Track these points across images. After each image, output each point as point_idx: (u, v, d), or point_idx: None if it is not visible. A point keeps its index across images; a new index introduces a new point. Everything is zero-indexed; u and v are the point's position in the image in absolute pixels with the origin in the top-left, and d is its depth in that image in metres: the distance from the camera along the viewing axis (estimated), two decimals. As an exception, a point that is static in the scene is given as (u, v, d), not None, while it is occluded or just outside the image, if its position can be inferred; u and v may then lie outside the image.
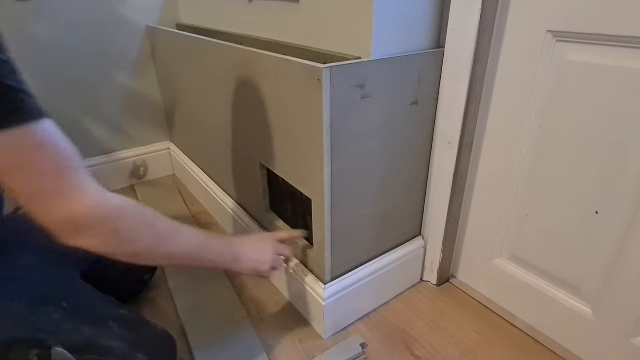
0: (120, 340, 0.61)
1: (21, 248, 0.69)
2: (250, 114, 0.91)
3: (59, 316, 0.60)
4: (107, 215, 0.52)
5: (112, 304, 0.69)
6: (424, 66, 0.78)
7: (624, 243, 0.68)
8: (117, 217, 0.53)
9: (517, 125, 0.78)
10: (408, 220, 0.96)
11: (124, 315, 0.67)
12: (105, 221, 0.52)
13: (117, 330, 0.62)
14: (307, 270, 0.89)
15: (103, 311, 0.65)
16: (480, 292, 0.99)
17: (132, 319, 0.68)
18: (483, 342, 0.86)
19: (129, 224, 0.54)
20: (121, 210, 0.54)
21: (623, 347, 0.74)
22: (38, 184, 0.47)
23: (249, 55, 0.84)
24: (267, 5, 0.94)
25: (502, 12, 0.74)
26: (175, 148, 1.58)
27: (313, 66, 0.65)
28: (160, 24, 1.42)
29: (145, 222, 0.57)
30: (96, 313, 0.64)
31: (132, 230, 0.55)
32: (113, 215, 0.52)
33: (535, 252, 0.83)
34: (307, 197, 0.80)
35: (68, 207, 0.48)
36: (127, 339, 0.62)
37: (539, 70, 0.72)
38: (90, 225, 0.50)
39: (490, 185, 0.87)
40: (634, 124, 0.62)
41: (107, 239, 0.52)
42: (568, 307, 0.80)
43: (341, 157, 0.73)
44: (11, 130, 0.44)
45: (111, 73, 1.39)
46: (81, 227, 0.50)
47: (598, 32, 0.63)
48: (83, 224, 0.50)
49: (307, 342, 0.87)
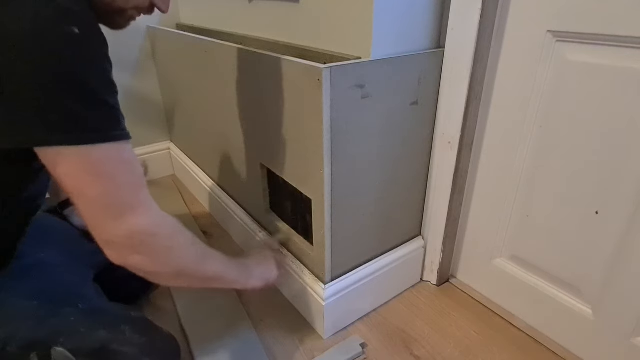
0: (131, 345, 0.61)
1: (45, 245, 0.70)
2: (251, 114, 0.91)
3: (75, 318, 0.60)
4: (165, 233, 0.55)
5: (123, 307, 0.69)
6: (424, 66, 0.78)
7: (624, 243, 0.68)
8: (173, 235, 0.57)
9: (517, 125, 0.78)
10: (408, 220, 0.96)
11: (134, 318, 0.67)
12: (163, 239, 0.55)
13: (128, 335, 0.62)
14: (307, 270, 0.89)
15: (116, 314, 0.66)
16: (480, 292, 0.99)
17: (142, 322, 0.68)
18: (483, 342, 0.86)
19: (180, 242, 0.58)
20: (176, 228, 0.57)
21: (623, 347, 0.74)
22: (118, 195, 0.51)
23: (249, 56, 0.84)
24: (267, 5, 0.94)
25: (502, 12, 0.74)
26: (175, 148, 1.58)
27: (313, 66, 0.65)
28: (161, 24, 1.42)
29: (191, 240, 0.60)
30: (110, 316, 0.64)
31: (181, 249, 0.58)
32: (169, 234, 0.56)
33: (535, 252, 0.83)
34: (307, 197, 0.80)
35: (135, 222, 0.52)
36: (137, 343, 0.62)
37: (539, 70, 0.72)
38: (149, 242, 0.53)
39: (490, 185, 0.87)
40: (634, 124, 0.62)
41: (159, 256, 0.55)
42: (568, 307, 0.80)
43: (341, 157, 0.73)
44: (110, 144, 0.49)
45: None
46: (141, 243, 0.53)
47: (598, 32, 0.63)
48: (143, 240, 0.53)
49: (307, 342, 0.87)
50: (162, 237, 0.55)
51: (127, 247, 0.52)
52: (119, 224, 0.51)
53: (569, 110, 0.70)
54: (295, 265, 0.91)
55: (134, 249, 0.52)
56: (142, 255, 0.53)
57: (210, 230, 1.27)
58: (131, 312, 0.68)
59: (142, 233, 0.52)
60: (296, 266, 0.91)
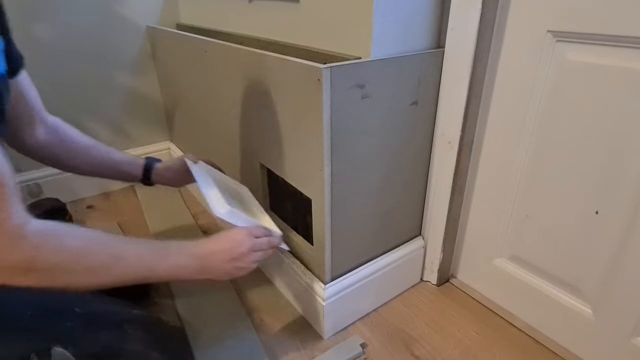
0: (135, 342, 0.60)
1: None
2: (250, 114, 0.91)
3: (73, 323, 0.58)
4: (21, 258, 0.47)
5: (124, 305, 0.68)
6: (424, 66, 0.78)
7: (624, 243, 0.68)
8: (33, 259, 0.48)
9: (517, 125, 0.78)
10: (408, 220, 0.96)
11: (136, 315, 0.66)
12: (19, 266, 0.48)
13: (131, 333, 0.61)
14: (307, 270, 0.89)
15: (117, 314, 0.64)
16: (480, 292, 0.99)
17: (145, 318, 0.67)
18: (483, 342, 0.86)
19: (47, 263, 0.50)
20: (38, 249, 0.49)
21: (623, 347, 0.74)
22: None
23: (249, 55, 0.84)
24: (267, 5, 0.94)
25: (502, 12, 0.74)
26: (175, 148, 1.58)
27: (313, 66, 0.65)
28: (161, 24, 1.42)
29: (71, 256, 0.53)
30: (110, 317, 0.63)
31: (52, 270, 0.50)
32: (28, 258, 0.48)
33: (535, 252, 0.83)
34: (307, 197, 0.80)
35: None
36: (141, 340, 0.61)
37: (539, 70, 0.72)
38: (6, 270, 0.47)
39: (490, 185, 0.87)
40: (634, 124, 0.62)
41: (26, 279, 0.49)
42: (568, 307, 0.80)
43: (341, 157, 0.73)
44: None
45: (111, 73, 1.39)
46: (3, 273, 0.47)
47: (598, 32, 0.63)
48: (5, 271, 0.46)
49: (307, 342, 0.87)
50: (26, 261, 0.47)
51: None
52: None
53: (569, 110, 0.70)
54: (295, 265, 0.91)
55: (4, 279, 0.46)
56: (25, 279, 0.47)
57: (210, 230, 1.27)
58: (132, 309, 0.67)
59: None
60: (296, 266, 0.91)
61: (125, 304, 0.69)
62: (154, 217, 1.33)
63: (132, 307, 0.68)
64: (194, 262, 0.65)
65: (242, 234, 0.70)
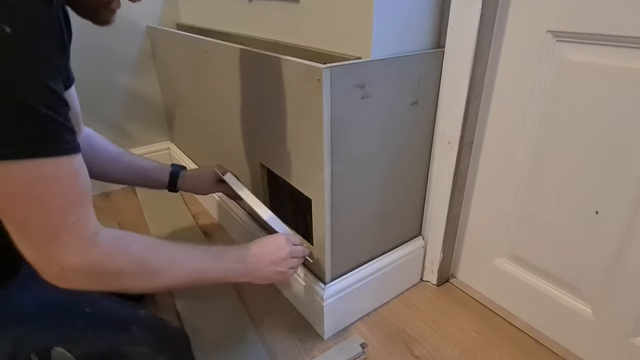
0: (142, 344, 0.61)
1: None
2: (250, 114, 0.91)
3: (83, 323, 0.59)
4: (94, 263, 0.50)
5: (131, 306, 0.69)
6: (424, 66, 0.78)
7: (624, 243, 0.68)
8: (103, 264, 0.51)
9: (517, 125, 0.78)
10: (408, 220, 0.96)
11: (143, 317, 0.66)
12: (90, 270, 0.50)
13: (138, 334, 0.62)
14: (307, 270, 0.89)
15: (125, 315, 0.65)
16: (480, 292, 0.99)
17: (151, 320, 0.67)
18: (483, 342, 0.86)
19: (115, 267, 0.52)
20: (109, 255, 0.51)
21: (623, 347, 0.74)
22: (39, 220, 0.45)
23: (249, 55, 0.84)
24: (267, 5, 0.94)
25: (502, 12, 0.74)
26: (175, 148, 1.58)
27: (313, 66, 0.65)
28: (161, 24, 1.42)
29: (134, 260, 0.54)
30: (118, 318, 0.64)
31: (117, 273, 0.53)
32: (99, 263, 0.50)
33: (535, 252, 0.83)
34: (307, 197, 0.80)
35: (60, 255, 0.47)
36: (148, 342, 0.62)
37: (539, 70, 0.72)
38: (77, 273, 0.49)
39: (490, 185, 0.87)
40: (634, 124, 0.62)
41: (92, 282, 0.51)
42: (568, 307, 0.80)
43: (341, 157, 0.73)
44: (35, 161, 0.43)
45: (111, 73, 1.39)
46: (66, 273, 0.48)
47: (598, 32, 0.63)
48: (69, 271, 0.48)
49: (307, 342, 0.87)
50: (90, 268, 0.49)
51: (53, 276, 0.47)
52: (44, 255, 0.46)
53: (569, 110, 0.70)
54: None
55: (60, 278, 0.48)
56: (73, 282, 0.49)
57: (210, 231, 1.27)
58: (140, 310, 0.68)
59: (65, 266, 0.47)
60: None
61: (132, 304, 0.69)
62: (154, 217, 1.33)
63: (139, 307, 0.69)
64: (239, 266, 0.67)
65: (282, 239, 0.74)
